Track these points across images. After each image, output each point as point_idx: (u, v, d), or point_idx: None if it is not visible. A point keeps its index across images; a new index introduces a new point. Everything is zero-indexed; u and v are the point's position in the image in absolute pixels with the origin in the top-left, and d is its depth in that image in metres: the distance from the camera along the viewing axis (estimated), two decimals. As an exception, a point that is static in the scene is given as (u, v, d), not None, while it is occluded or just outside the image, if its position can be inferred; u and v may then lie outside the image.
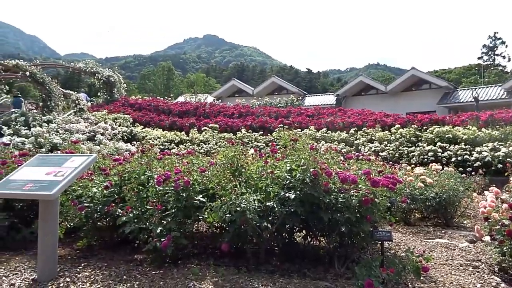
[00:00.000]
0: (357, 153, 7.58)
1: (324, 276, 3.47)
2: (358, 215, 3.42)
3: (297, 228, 3.93)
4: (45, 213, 3.29)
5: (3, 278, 3.30)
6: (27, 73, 15.55)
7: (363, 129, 14.32)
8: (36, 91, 19.16)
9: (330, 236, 3.70)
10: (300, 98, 31.42)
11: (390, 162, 9.41)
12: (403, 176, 6.28)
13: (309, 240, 4.07)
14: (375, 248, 4.32)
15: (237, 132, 15.43)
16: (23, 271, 3.48)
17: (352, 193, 3.49)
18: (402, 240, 4.95)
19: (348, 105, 27.90)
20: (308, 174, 3.46)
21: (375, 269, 3.10)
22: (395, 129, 13.57)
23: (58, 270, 3.43)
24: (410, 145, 12.23)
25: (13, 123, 12.08)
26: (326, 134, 14.20)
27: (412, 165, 8.75)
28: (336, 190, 3.57)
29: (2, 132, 8.89)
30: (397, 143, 12.35)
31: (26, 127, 11.77)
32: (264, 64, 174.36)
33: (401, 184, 5.30)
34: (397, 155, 11.82)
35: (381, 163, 6.24)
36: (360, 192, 3.45)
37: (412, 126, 13.42)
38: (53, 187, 3.20)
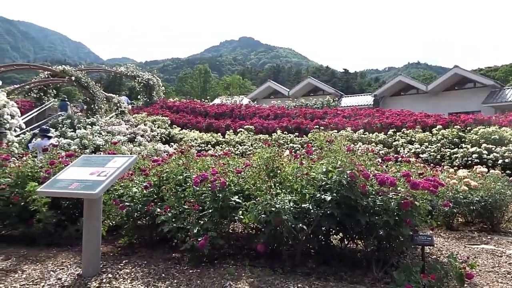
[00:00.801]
0: (395, 155, 7.38)
1: (362, 280, 3.40)
2: (397, 218, 3.33)
3: (333, 231, 3.89)
4: (89, 211, 3.44)
5: (51, 272, 3.49)
6: (73, 78, 16.34)
7: (402, 130, 13.92)
8: (81, 94, 20.09)
9: (367, 239, 3.63)
10: (337, 99, 30.94)
11: (431, 164, 9.10)
12: (445, 178, 6.05)
13: (346, 243, 4.00)
14: (415, 253, 4.19)
15: (272, 134, 15.45)
16: (69, 266, 3.66)
17: (391, 196, 3.40)
18: (444, 245, 4.76)
19: (386, 105, 27.14)
20: (345, 176, 3.41)
21: (415, 275, 3.00)
22: (436, 130, 13.08)
23: (101, 266, 3.58)
24: (452, 146, 11.74)
25: (60, 125, 12.75)
26: (363, 136, 13.92)
27: (455, 168, 8.39)
28: (373, 192, 3.50)
29: (50, 134, 9.38)
30: (439, 144, 11.89)
31: (72, 129, 12.39)
32: (299, 65, 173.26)
33: (443, 187, 5.11)
34: (438, 157, 11.38)
35: (422, 165, 6.04)
36: (399, 194, 3.35)
37: (455, 126, 12.89)
38: (96, 187, 3.34)
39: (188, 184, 4.25)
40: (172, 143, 13.94)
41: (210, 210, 3.79)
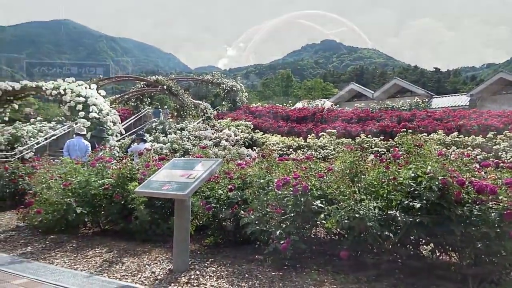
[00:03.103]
0: (496, 160, 6.68)
1: (456, 295, 3.14)
2: (498, 230, 3.01)
3: (423, 241, 3.64)
4: (180, 211, 3.68)
5: (146, 266, 3.81)
6: (165, 87, 17.68)
7: (504, 133, 12.57)
8: (171, 102, 21.62)
9: (463, 252, 3.33)
10: (426, 100, 28.97)
11: (541, 171, 8.05)
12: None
13: (438, 254, 3.72)
14: (522, 270, 3.73)
15: (356, 137, 15.03)
16: (161, 261, 3.95)
17: (491, 205, 3.09)
18: (558, 264, 4.17)
19: (485, 106, 24.69)
20: (436, 182, 3.19)
21: (521, 294, 2.68)
22: (547, 132, 11.57)
23: (190, 263, 3.80)
24: None
25: (153, 131, 13.85)
26: (457, 139, 12.86)
27: None
28: (470, 201, 3.21)
29: (145, 139, 10.26)
30: (551, 148, 10.50)
31: (164, 134, 13.38)
32: (385, 65, 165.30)
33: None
34: (550, 163, 10.04)
35: (529, 172, 5.36)
36: (501, 204, 3.03)
37: None
38: (186, 188, 3.55)
39: (270, 187, 4.32)
40: (255, 147, 14.28)
41: (292, 214, 3.80)
